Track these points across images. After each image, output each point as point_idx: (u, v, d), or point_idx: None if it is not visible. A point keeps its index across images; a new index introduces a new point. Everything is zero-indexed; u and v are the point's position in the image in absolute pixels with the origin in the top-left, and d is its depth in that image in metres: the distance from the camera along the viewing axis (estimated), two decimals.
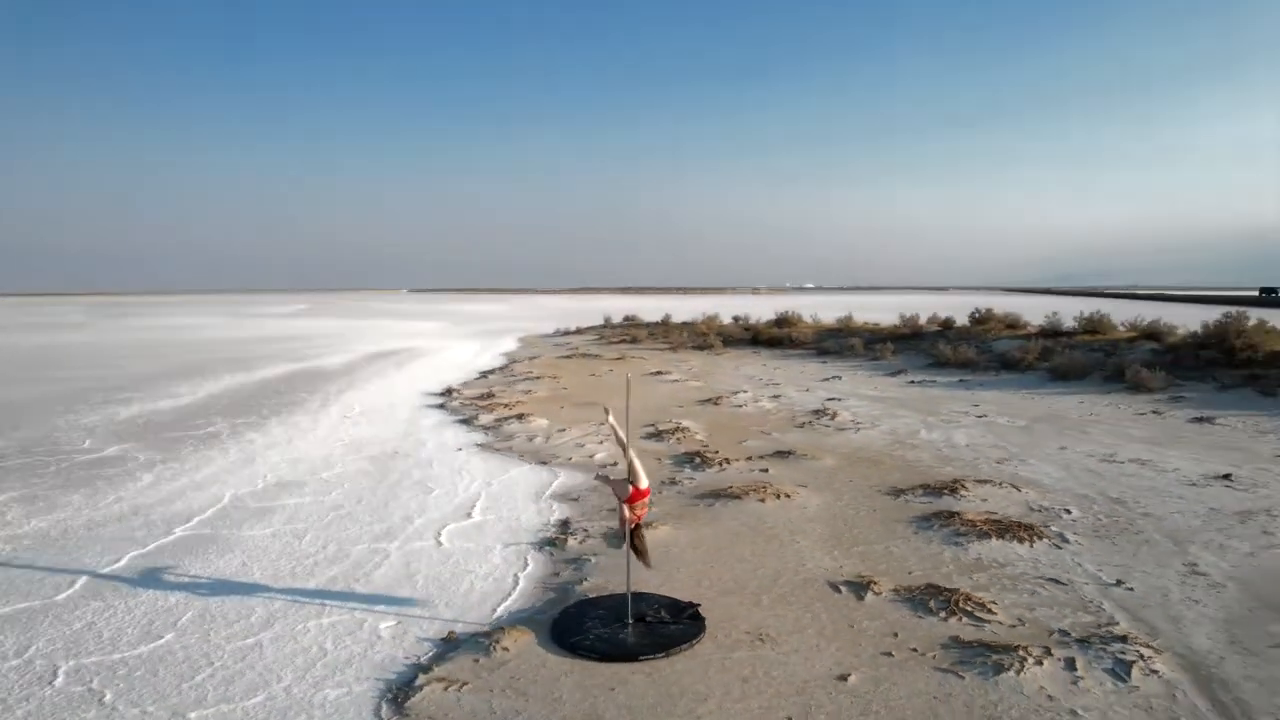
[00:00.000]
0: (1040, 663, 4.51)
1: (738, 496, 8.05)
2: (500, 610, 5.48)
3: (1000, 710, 4.06)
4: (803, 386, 17.44)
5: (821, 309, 39.85)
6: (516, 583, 5.99)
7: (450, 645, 4.89)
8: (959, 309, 35.13)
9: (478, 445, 11.18)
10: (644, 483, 5.11)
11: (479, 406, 14.35)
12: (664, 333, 31.60)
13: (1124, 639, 4.82)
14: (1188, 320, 22.39)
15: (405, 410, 14.42)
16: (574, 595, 5.69)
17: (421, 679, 4.42)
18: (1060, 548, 6.58)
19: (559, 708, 4.11)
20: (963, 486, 8.34)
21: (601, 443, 11.15)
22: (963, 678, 4.39)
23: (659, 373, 19.98)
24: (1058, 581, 5.85)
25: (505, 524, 7.50)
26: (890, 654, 4.69)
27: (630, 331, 33.06)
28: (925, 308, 38.27)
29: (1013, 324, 23.00)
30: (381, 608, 5.54)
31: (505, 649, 4.74)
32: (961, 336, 22.26)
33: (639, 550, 5.09)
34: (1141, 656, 4.59)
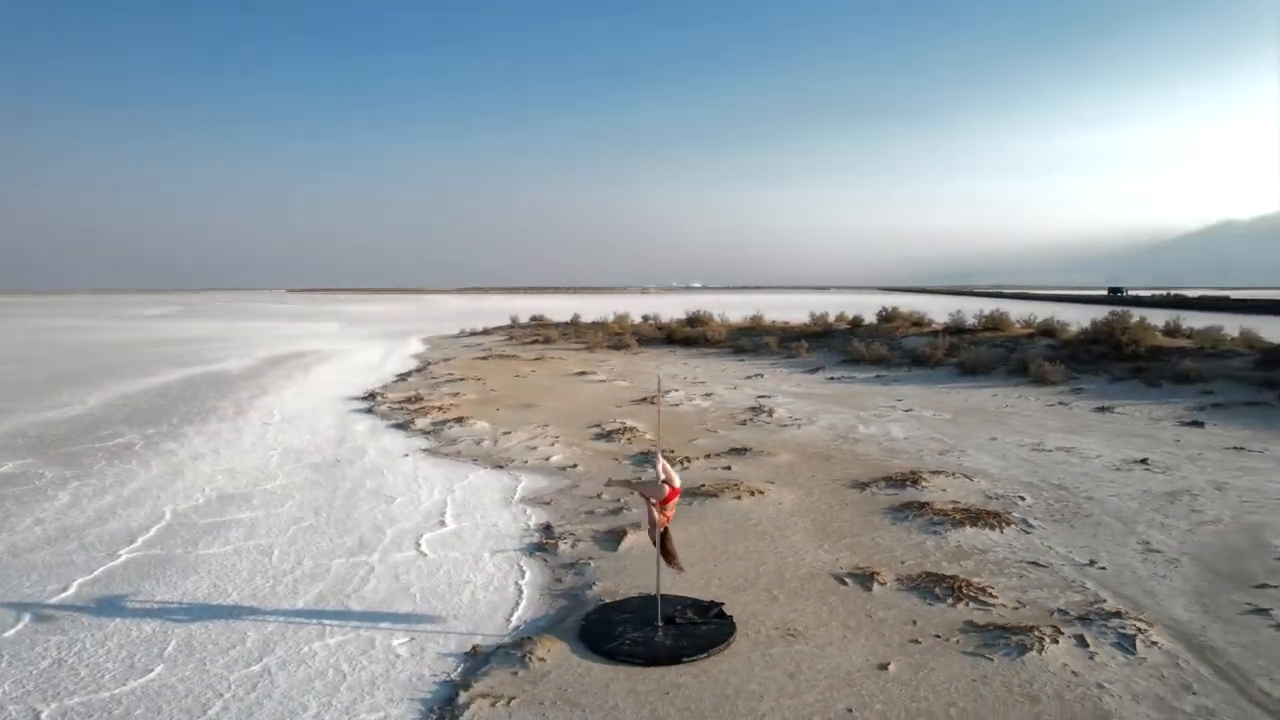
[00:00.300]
0: (1056, 641, 4.78)
1: (714, 494, 8.13)
2: (515, 620, 5.32)
3: (1036, 688, 4.29)
4: (730, 385, 17.75)
5: (720, 308, 40.66)
6: (521, 591, 5.83)
7: (479, 659, 4.71)
8: (848, 307, 36.82)
9: (423, 451, 10.80)
10: (677, 481, 5.09)
11: (410, 411, 13.85)
12: (576, 332, 31.43)
13: (1118, 614, 5.18)
14: (1049, 316, 24.22)
15: (330, 416, 13.75)
16: (587, 601, 5.59)
17: (463, 697, 4.23)
18: (1028, 532, 7.00)
19: (620, 716, 4.04)
20: (920, 478, 8.72)
21: (553, 444, 11.00)
22: (991, 660, 4.60)
23: (583, 373, 19.88)
24: (1038, 564, 6.22)
25: (484, 531, 7.29)
26: (917, 641, 4.86)
27: (540, 331, 32.70)
28: (815, 306, 39.76)
29: (918, 322, 24.25)
30: (386, 624, 5.27)
31: (541, 659, 4.61)
32: (871, 334, 23.26)
33: (670, 553, 5.05)
34: (1139, 630, 4.94)
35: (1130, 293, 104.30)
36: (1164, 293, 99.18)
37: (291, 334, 37.82)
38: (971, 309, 26.63)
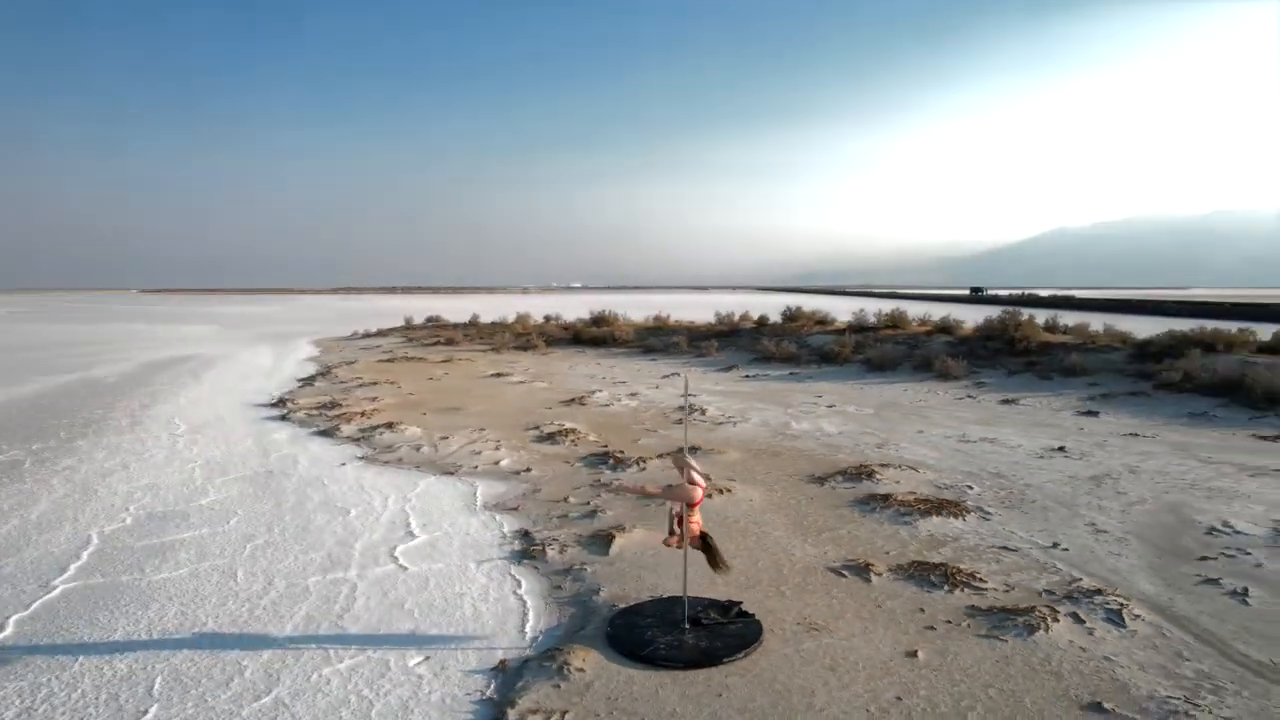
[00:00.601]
0: (1056, 620, 5.09)
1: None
2: (530, 631, 5.16)
3: (1055, 664, 4.56)
4: (651, 384, 17.86)
5: (612, 307, 40.44)
6: (524, 601, 5.66)
7: (511, 674, 4.54)
8: (733, 306, 37.89)
9: (360, 459, 10.29)
10: (704, 483, 5.08)
11: (330, 417, 13.16)
12: (478, 333, 30.73)
13: (1099, 592, 5.57)
14: (943, 315, 25.79)
15: (242, 424, 12.86)
16: (598, 607, 5.49)
17: (512, 715, 4.07)
18: (988, 519, 7.42)
19: (688, 718, 4.00)
20: (872, 471, 9.06)
21: (497, 448, 10.72)
22: (1006, 641, 4.86)
23: (499, 374, 19.48)
24: (1008, 549, 6.60)
25: (459, 541, 7.02)
26: (932, 627, 5.07)
27: (440, 332, 31.74)
28: (698, 305, 40.48)
29: (822, 320, 25.20)
30: (392, 643, 5.00)
31: (580, 670, 4.49)
32: (778, 333, 23.97)
33: (718, 557, 5.05)
34: (1121, 605, 5.34)
35: (990, 292, 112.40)
36: (1019, 292, 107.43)
37: (165, 337, 35.10)
38: (849, 307, 28.07)
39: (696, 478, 5.00)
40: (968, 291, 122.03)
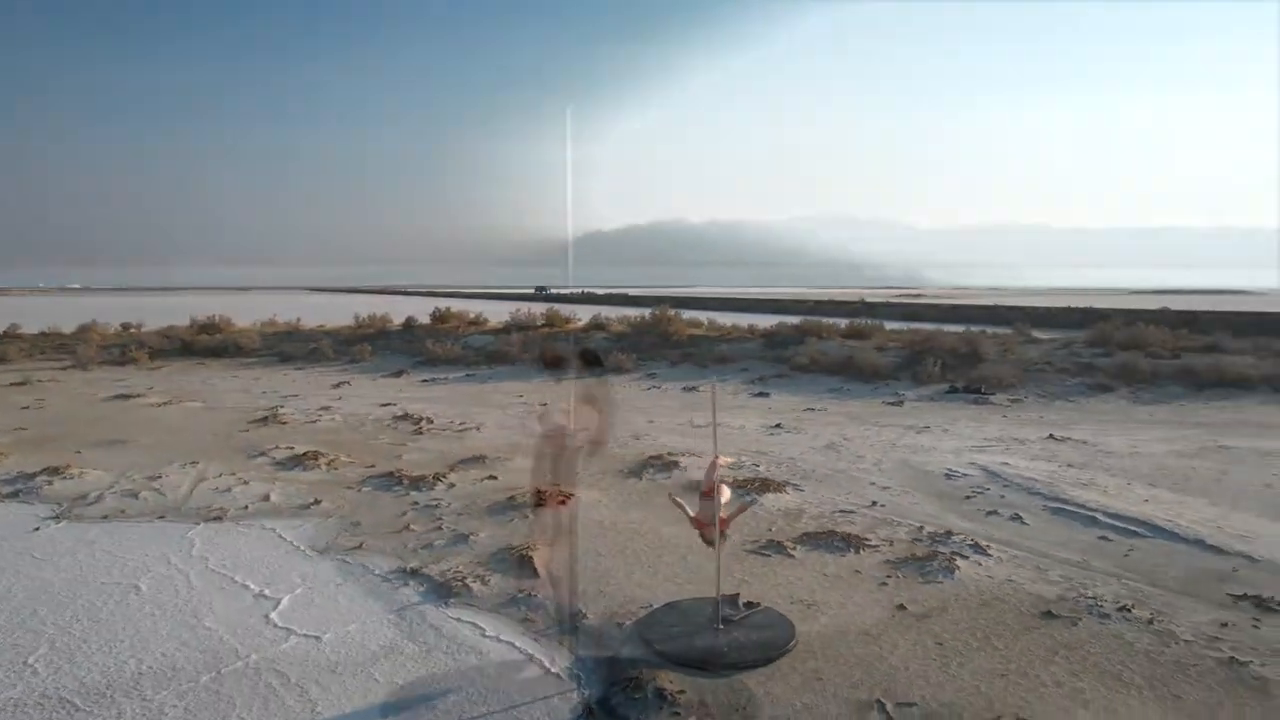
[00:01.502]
0: (956, 558, 6.28)
1: (537, 505, 7.80)
2: (558, 670, 4.67)
3: (990, 592, 5.68)
4: (330, 395, 16.11)
5: (155, 311, 34.65)
6: (507, 643, 5.05)
7: (608, 718, 4.13)
8: (263, 309, 35.89)
9: (53, 519, 7.66)
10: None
11: None
12: (34, 347, 23.85)
13: (948, 533, 6.95)
14: (581, 313, 27.92)
15: None
16: (600, 630, 5.18)
17: None
18: (802, 490, 8.55)
19: (822, 712, 4.12)
20: (670, 460, 9.68)
21: (246, 484, 8.86)
22: (943, 583, 5.86)
23: (124, 396, 15.65)
24: (846, 511, 7.77)
25: (337, 594, 5.84)
26: (885, 584, 5.86)
27: None
28: (226, 309, 36.72)
29: (475, 320, 25.09)
30: (416, 717, 4.13)
31: (680, 691, 4.27)
32: (432, 334, 23.26)
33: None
34: (975, 541, 6.76)
35: (553, 290, 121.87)
36: (579, 290, 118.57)
37: None
38: (412, 309, 28.73)
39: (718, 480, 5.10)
40: (533, 290, 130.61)
